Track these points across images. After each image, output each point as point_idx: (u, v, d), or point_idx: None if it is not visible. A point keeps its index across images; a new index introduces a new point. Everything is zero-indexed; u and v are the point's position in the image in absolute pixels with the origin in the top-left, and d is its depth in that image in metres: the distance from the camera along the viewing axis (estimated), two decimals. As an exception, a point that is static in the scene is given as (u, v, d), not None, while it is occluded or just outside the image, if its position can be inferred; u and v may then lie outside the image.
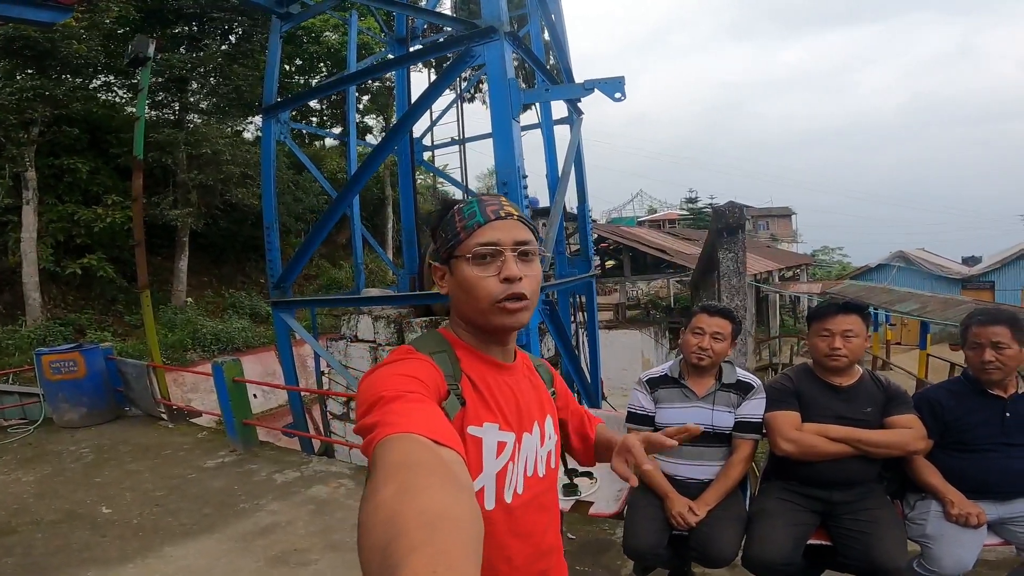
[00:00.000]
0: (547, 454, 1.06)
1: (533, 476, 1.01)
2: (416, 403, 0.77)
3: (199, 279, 14.94)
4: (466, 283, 0.95)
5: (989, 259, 23.81)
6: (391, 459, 0.62)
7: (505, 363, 1.03)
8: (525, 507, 0.99)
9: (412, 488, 0.55)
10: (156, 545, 3.32)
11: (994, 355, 1.94)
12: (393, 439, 0.66)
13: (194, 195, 12.80)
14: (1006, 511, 2.00)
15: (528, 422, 1.01)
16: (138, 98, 6.77)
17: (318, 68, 15.50)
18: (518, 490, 0.98)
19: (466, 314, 0.99)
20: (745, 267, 5.27)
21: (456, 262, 0.96)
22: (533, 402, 1.05)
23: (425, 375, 0.86)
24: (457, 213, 0.99)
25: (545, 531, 1.04)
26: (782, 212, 40.77)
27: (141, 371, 6.68)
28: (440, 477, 0.59)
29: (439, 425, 0.72)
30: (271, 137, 5.63)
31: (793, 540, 2.02)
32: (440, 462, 0.62)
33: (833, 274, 30.62)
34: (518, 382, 1.03)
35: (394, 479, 0.57)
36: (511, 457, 0.96)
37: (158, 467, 4.87)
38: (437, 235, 1.02)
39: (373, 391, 0.80)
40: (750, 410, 2.21)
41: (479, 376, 0.97)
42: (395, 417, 0.71)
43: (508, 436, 0.96)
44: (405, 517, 0.50)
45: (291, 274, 5.92)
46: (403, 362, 0.89)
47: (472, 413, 0.92)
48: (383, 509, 0.52)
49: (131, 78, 13.07)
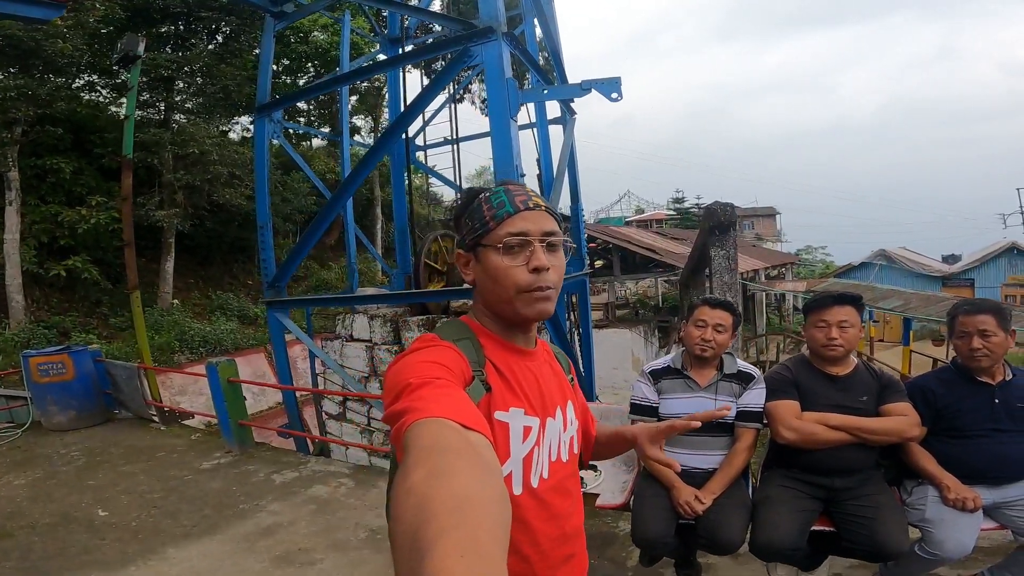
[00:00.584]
0: (569, 439, 1.07)
1: (557, 461, 1.02)
2: (444, 388, 0.78)
3: (185, 280, 14.75)
4: (495, 272, 0.96)
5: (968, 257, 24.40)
6: (421, 444, 0.63)
7: (527, 349, 1.04)
8: (551, 491, 1.00)
9: (442, 472, 0.56)
10: (157, 547, 3.30)
11: (981, 343, 2.01)
12: (422, 424, 0.67)
13: (180, 195, 12.64)
14: (999, 496, 2.05)
15: (551, 407, 1.03)
16: (127, 96, 6.70)
17: (306, 68, 15.39)
18: (544, 475, 0.99)
19: (492, 303, 1.00)
20: (737, 264, 5.37)
21: (484, 251, 0.98)
22: (555, 388, 1.06)
23: (450, 361, 0.87)
24: (485, 202, 1.00)
25: (570, 515, 1.06)
26: (767, 212, 41.31)
27: (132, 373, 6.60)
28: (469, 461, 0.60)
29: (467, 410, 0.73)
30: (264, 136, 5.60)
31: (799, 526, 2.07)
32: (469, 446, 0.63)
33: (817, 273, 31.10)
34: (540, 368, 1.05)
35: (424, 464, 0.58)
36: (536, 442, 0.97)
37: (152, 469, 4.82)
38: (463, 223, 1.03)
39: (400, 379, 0.81)
40: (751, 400, 2.26)
41: (503, 362, 0.98)
42: (424, 403, 0.72)
43: (533, 421, 0.97)
44: (435, 501, 0.51)
45: (285, 274, 5.90)
46: (428, 350, 0.90)
47: (498, 398, 0.94)
48: (413, 494, 0.53)
49: (115, 78, 12.88)
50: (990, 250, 23.25)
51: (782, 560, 2.11)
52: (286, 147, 6.26)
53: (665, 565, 2.51)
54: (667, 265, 15.78)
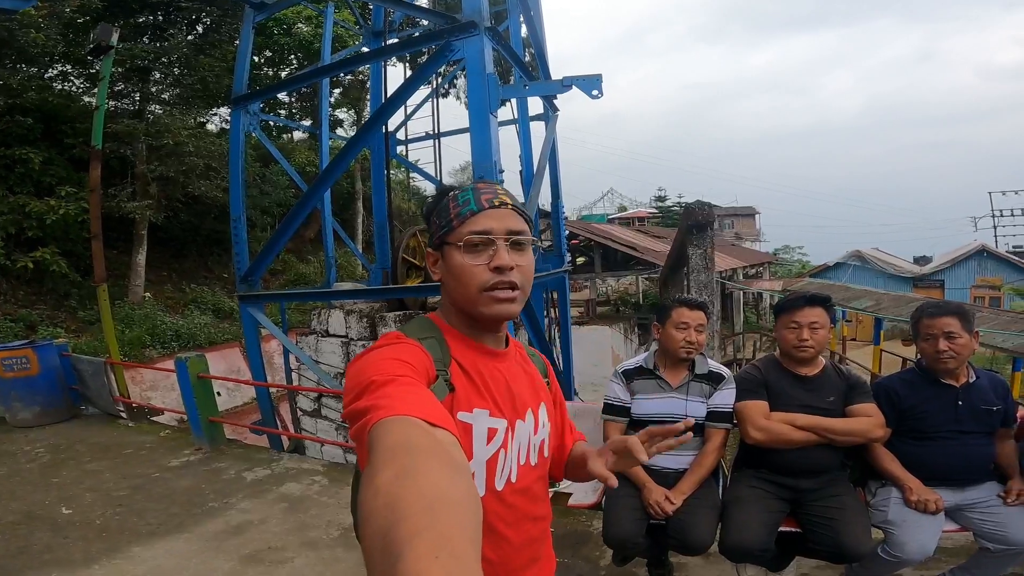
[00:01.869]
0: (540, 442, 1.05)
1: (526, 464, 1.01)
2: (408, 386, 0.76)
3: (158, 274, 14.40)
4: (456, 270, 0.95)
5: (939, 259, 25.06)
6: (388, 442, 0.62)
7: (497, 350, 1.03)
8: (517, 495, 0.98)
9: (411, 471, 0.55)
10: (123, 545, 3.22)
11: (947, 345, 2.03)
12: (388, 422, 0.66)
13: (154, 187, 12.32)
14: (962, 498, 2.08)
15: (521, 409, 1.01)
16: (99, 87, 6.49)
17: (288, 60, 15.10)
18: (511, 478, 0.97)
19: (457, 301, 0.99)
20: (713, 263, 5.42)
21: (448, 249, 0.97)
22: (526, 389, 1.04)
23: (414, 359, 0.86)
24: (452, 200, 0.99)
25: (537, 519, 1.05)
26: (747, 211, 41.89)
27: (98, 368, 6.43)
28: (438, 459, 0.58)
29: (433, 407, 0.71)
30: (240, 128, 5.49)
31: (767, 527, 2.09)
32: (437, 444, 0.62)
33: (793, 272, 31.66)
34: (510, 369, 1.03)
35: (392, 463, 0.57)
36: (503, 444, 0.96)
37: (119, 466, 4.71)
38: (431, 221, 1.02)
39: (363, 375, 0.80)
40: (721, 400, 2.28)
41: (470, 362, 0.97)
42: (388, 400, 0.70)
43: (500, 423, 0.96)
44: (405, 501, 0.50)
45: (259, 268, 5.80)
46: (392, 347, 0.88)
47: (462, 399, 0.92)
48: (382, 494, 0.52)
49: (89, 68, 12.51)
50: (960, 252, 23.93)
51: (751, 561, 2.13)
52: (263, 139, 6.13)
53: (638, 565, 2.52)
54: (648, 263, 15.91)
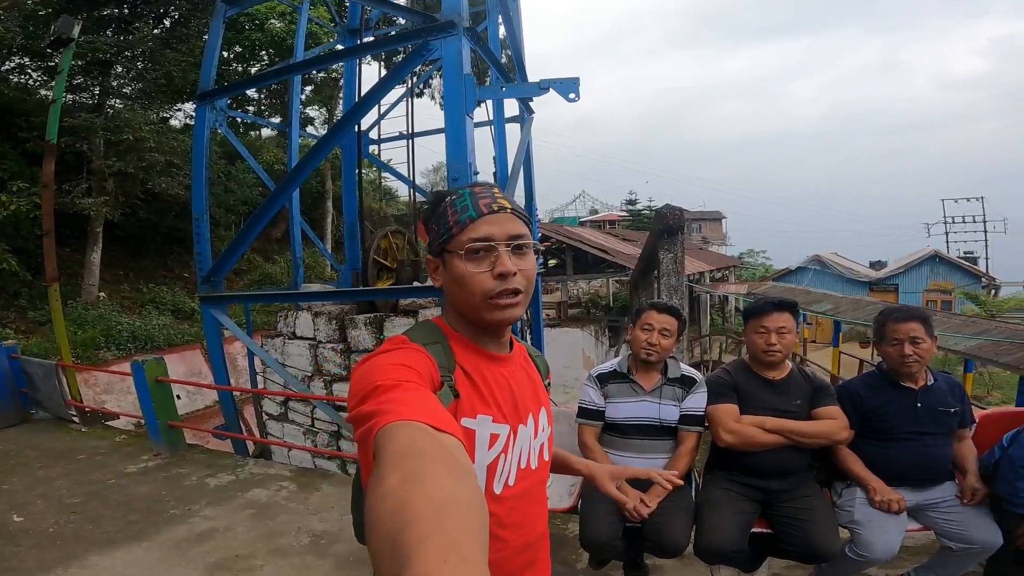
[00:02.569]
0: (540, 446, 1.06)
1: (526, 468, 1.01)
2: (413, 391, 0.77)
3: (114, 273, 13.84)
4: (460, 279, 0.95)
5: (894, 263, 26.14)
6: (394, 447, 0.62)
7: (500, 354, 1.03)
8: (516, 498, 0.99)
9: (418, 476, 0.55)
10: (79, 554, 3.07)
11: (912, 349, 2.10)
12: (394, 427, 0.66)
13: (111, 183, 11.83)
14: (923, 497, 2.15)
15: (524, 414, 1.01)
16: (56, 80, 6.20)
17: (259, 56, 14.73)
18: (509, 482, 0.98)
19: (461, 308, 0.99)
20: (683, 267, 5.50)
21: (449, 256, 0.96)
22: (528, 393, 1.05)
23: (419, 365, 0.85)
24: (449, 206, 0.97)
25: (535, 522, 1.05)
26: (714, 216, 42.91)
27: (49, 371, 6.14)
28: (444, 463, 0.59)
29: (438, 412, 0.72)
30: (205, 124, 5.31)
31: (740, 528, 2.13)
32: (443, 448, 0.62)
33: (757, 276, 32.55)
34: (514, 373, 1.03)
35: (399, 467, 0.57)
36: (504, 449, 0.96)
37: (72, 473, 4.49)
38: (430, 228, 1.01)
39: (368, 380, 0.79)
40: (694, 403, 2.31)
41: (474, 367, 0.96)
42: (394, 405, 0.71)
43: (502, 428, 0.96)
44: (413, 505, 0.50)
45: (223, 268, 5.62)
46: (397, 352, 0.88)
47: (466, 405, 0.92)
48: (390, 498, 0.52)
49: (48, 61, 12.00)
50: (914, 257, 25.04)
51: (724, 562, 2.16)
52: (229, 136, 5.94)
53: (614, 568, 2.53)
54: (619, 266, 16.12)
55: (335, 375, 5.79)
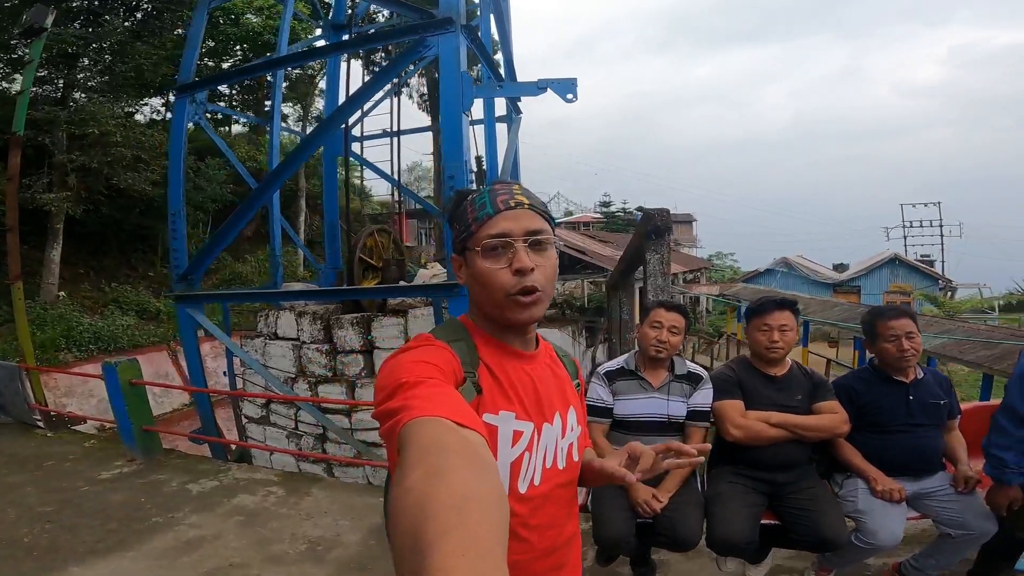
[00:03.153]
0: (568, 446, 1.04)
1: (552, 468, 0.99)
2: (438, 387, 0.78)
3: (74, 271, 13.26)
4: (479, 276, 0.95)
5: (856, 266, 27.14)
6: (418, 443, 0.63)
7: (525, 352, 1.02)
8: (542, 499, 0.97)
9: (440, 471, 0.55)
10: (58, 565, 2.91)
11: (909, 344, 2.21)
12: (419, 423, 0.67)
13: (72, 178, 11.34)
14: (919, 487, 2.24)
15: (549, 412, 1.00)
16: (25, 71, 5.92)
17: (233, 51, 14.33)
18: (535, 481, 0.96)
19: (482, 305, 0.99)
20: (670, 268, 5.57)
21: (469, 254, 0.97)
22: (555, 392, 1.03)
23: (442, 362, 0.86)
24: (469, 204, 0.98)
25: (564, 524, 1.03)
26: (685, 218, 43.69)
27: (12, 373, 5.86)
28: (467, 459, 0.59)
29: (462, 408, 0.73)
30: (184, 118, 5.14)
31: (750, 520, 2.17)
32: (466, 444, 0.63)
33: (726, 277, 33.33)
34: (538, 371, 1.02)
35: (422, 463, 0.57)
36: (528, 447, 0.95)
37: (41, 480, 4.28)
38: (453, 226, 1.02)
39: (394, 377, 0.81)
40: (700, 400, 2.36)
41: (497, 364, 0.96)
42: (419, 401, 0.71)
43: (526, 425, 0.95)
44: (435, 500, 0.51)
45: (200, 266, 5.45)
46: (421, 349, 0.89)
47: (488, 401, 0.92)
48: (412, 493, 0.53)
49: (11, 52, 11.48)
50: (875, 260, 26.05)
51: (735, 554, 2.20)
52: (209, 132, 5.76)
53: (621, 564, 2.54)
54: (595, 267, 16.26)
55: (320, 376, 5.65)
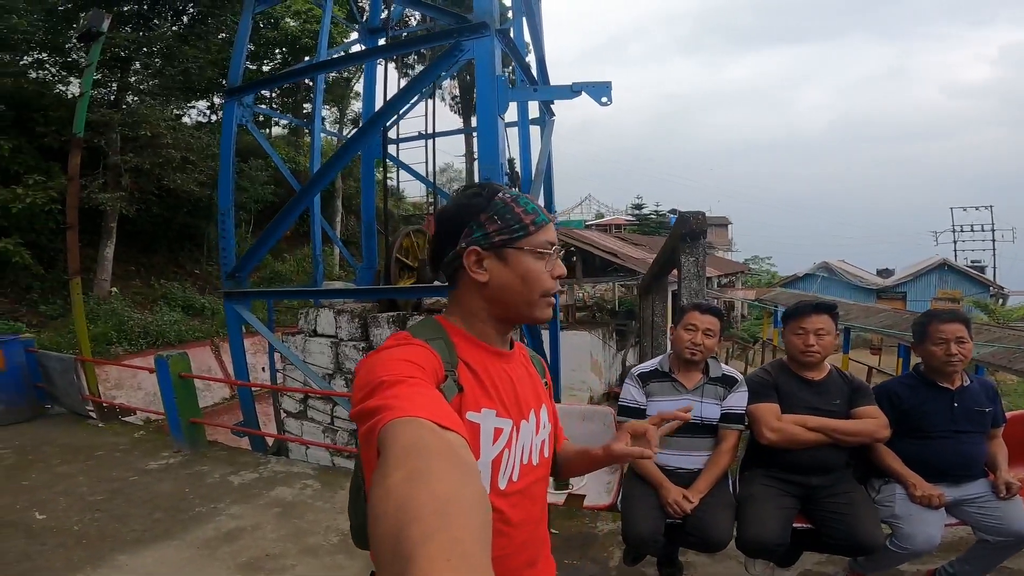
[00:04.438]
0: (541, 443, 1.07)
1: (528, 464, 1.02)
2: (418, 387, 0.77)
3: (126, 268, 13.89)
4: (527, 275, 0.97)
5: (902, 271, 26.07)
6: (399, 444, 0.62)
7: (503, 351, 1.04)
8: (519, 495, 0.99)
9: (422, 474, 0.55)
10: (106, 553, 3.05)
11: (958, 349, 2.17)
12: (398, 423, 0.65)
13: (126, 178, 11.91)
14: (960, 493, 2.20)
15: (526, 410, 1.02)
16: (85, 74, 6.27)
17: (273, 55, 14.82)
18: (513, 477, 0.98)
19: (505, 303, 0.99)
20: (705, 271, 5.49)
21: (517, 253, 0.97)
22: (529, 390, 1.06)
23: (423, 360, 0.86)
24: (515, 204, 0.99)
25: (537, 521, 1.06)
26: (720, 222, 42.80)
27: (68, 365, 6.15)
28: (448, 462, 0.58)
29: (442, 409, 0.72)
30: (233, 120, 5.35)
31: (782, 522, 2.15)
32: (447, 446, 0.62)
33: (763, 282, 32.47)
34: (515, 370, 1.05)
35: (403, 465, 0.57)
36: (507, 444, 0.97)
37: (92, 469, 4.49)
38: (483, 220, 0.98)
39: (373, 375, 0.79)
40: (735, 402, 2.34)
41: (477, 362, 0.97)
42: (398, 401, 0.70)
43: (506, 423, 0.97)
44: (417, 503, 0.50)
45: (247, 264, 5.64)
46: (401, 347, 0.88)
47: (470, 399, 0.93)
48: (393, 495, 0.52)
49: (66, 56, 12.17)
50: (922, 265, 24.97)
51: (767, 556, 2.19)
52: (255, 133, 5.97)
53: (647, 564, 2.53)
54: (627, 269, 16.10)
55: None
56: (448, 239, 1.00)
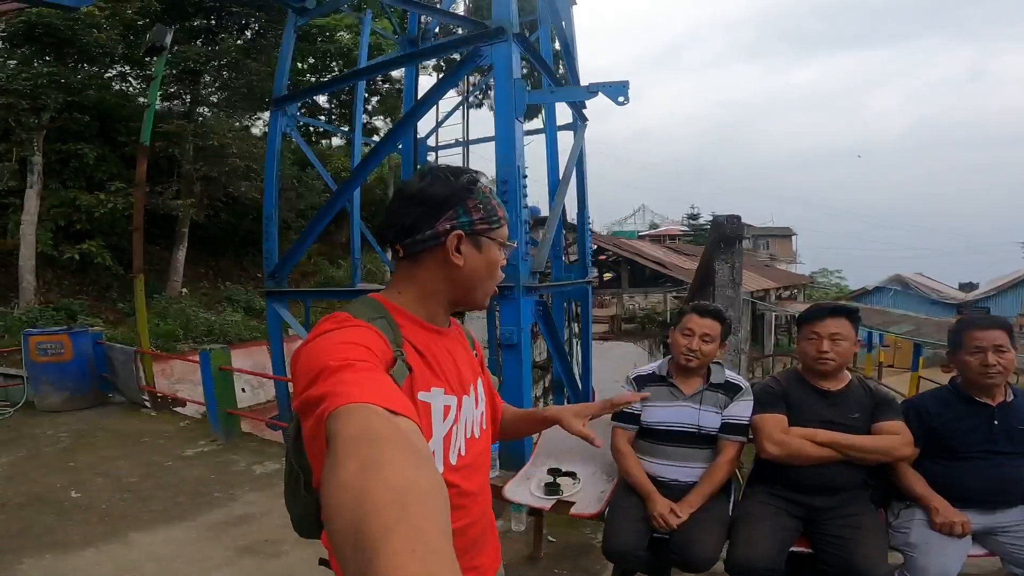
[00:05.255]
0: (480, 415, 1.09)
1: (471, 438, 1.04)
2: (365, 371, 0.73)
3: (195, 271, 14.89)
4: (491, 264, 1.01)
5: (986, 285, 23.88)
6: (348, 433, 0.60)
7: (443, 328, 1.04)
8: (467, 468, 1.01)
9: (376, 463, 0.53)
10: (121, 531, 3.25)
11: (996, 358, 1.93)
12: (346, 411, 0.63)
13: (198, 186, 12.79)
14: (992, 521, 1.97)
15: (467, 385, 1.04)
16: (151, 86, 6.80)
17: (330, 67, 15.58)
18: (461, 452, 1.00)
19: (464, 287, 1.01)
20: (741, 278, 5.23)
21: (489, 243, 1.00)
22: (466, 365, 1.07)
23: (370, 342, 0.82)
24: (492, 196, 1.02)
25: (484, 491, 1.08)
26: (783, 232, 40.81)
27: (128, 357, 6.63)
28: (402, 449, 0.57)
29: (392, 393, 0.69)
30: (277, 129, 5.64)
31: (777, 545, 1.97)
32: (399, 433, 0.60)
33: (830, 296, 30.61)
34: (453, 346, 1.05)
35: (355, 455, 0.55)
36: (455, 420, 0.98)
37: (134, 454, 4.80)
38: (469, 205, 0.97)
39: (316, 361, 0.75)
40: (737, 412, 2.18)
41: (420, 342, 0.95)
42: (345, 387, 0.67)
43: (452, 399, 0.97)
44: (374, 494, 0.49)
45: (287, 264, 5.88)
46: (344, 330, 0.84)
47: (420, 379, 0.91)
48: (349, 488, 0.51)
49: (146, 69, 13.18)
50: (1008, 279, 22.76)
51: None
52: (299, 141, 6.26)
53: (639, 579, 2.38)
54: (676, 280, 15.62)
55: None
56: (427, 216, 0.96)
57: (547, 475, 2.65)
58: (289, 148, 13.00)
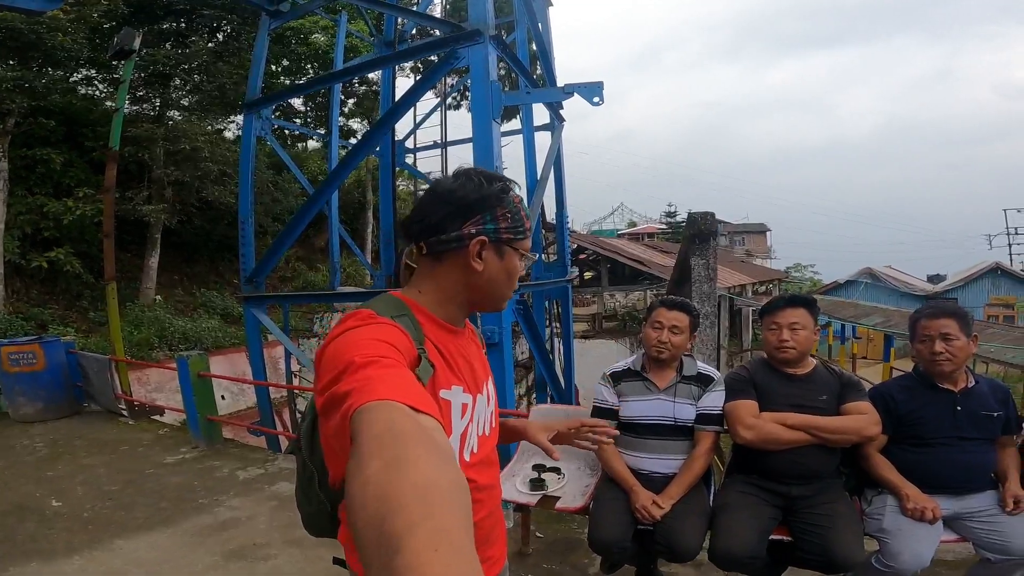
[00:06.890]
0: (490, 413, 1.12)
1: (483, 435, 1.06)
2: (390, 368, 0.74)
3: (169, 277, 14.58)
4: (512, 274, 1.03)
5: (953, 277, 24.69)
6: (373, 430, 0.60)
7: (459, 328, 1.06)
8: (480, 464, 1.04)
9: (400, 461, 0.54)
10: (106, 538, 3.21)
11: (944, 346, 2.00)
12: (371, 408, 0.64)
13: (169, 191, 12.53)
14: (961, 506, 2.03)
15: (480, 383, 1.06)
16: (119, 90, 6.67)
17: (305, 69, 15.35)
18: (474, 448, 1.02)
19: (483, 292, 1.03)
20: (716, 274, 5.37)
21: (511, 252, 1.02)
22: (480, 364, 1.10)
23: (394, 339, 0.83)
24: (520, 206, 1.03)
25: (495, 485, 1.12)
26: (758, 228, 41.64)
27: (103, 365, 6.50)
28: (425, 447, 0.57)
29: (416, 391, 0.70)
30: (251, 132, 5.60)
31: (757, 533, 2.04)
32: (423, 431, 0.61)
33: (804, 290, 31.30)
34: (468, 346, 1.08)
35: (380, 452, 0.56)
36: (471, 418, 1.01)
37: (114, 462, 4.72)
38: (497, 212, 0.98)
39: (341, 357, 0.76)
40: (711, 402, 2.25)
41: (440, 340, 0.98)
42: (370, 384, 0.68)
43: (468, 398, 1.00)
44: (398, 492, 0.50)
45: (264, 268, 5.85)
46: (369, 327, 0.84)
47: (441, 377, 0.93)
48: (373, 484, 0.52)
49: (113, 72, 12.84)
50: (974, 270, 23.59)
51: (740, 569, 2.06)
52: (273, 144, 6.22)
53: (627, 573, 2.46)
54: (656, 277, 15.84)
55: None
56: (455, 217, 0.96)
57: (532, 471, 2.70)
58: (264, 151, 12.83)
